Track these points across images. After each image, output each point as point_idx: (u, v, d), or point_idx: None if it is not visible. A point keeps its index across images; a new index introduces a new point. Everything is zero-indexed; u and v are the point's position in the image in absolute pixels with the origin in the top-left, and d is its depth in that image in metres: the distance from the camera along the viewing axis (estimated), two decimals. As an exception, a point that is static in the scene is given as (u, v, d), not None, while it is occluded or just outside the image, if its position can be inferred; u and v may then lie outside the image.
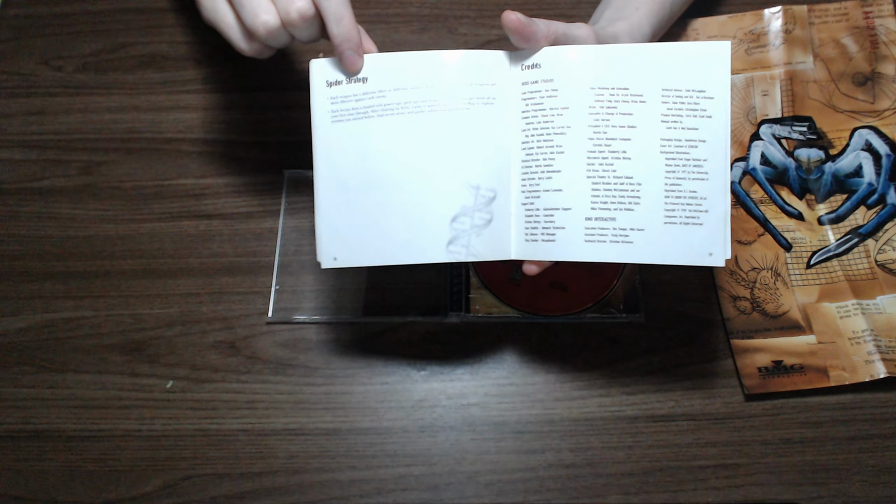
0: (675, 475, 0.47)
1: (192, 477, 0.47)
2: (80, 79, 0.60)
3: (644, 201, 0.39)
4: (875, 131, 0.56)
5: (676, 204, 0.39)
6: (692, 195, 0.39)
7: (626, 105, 0.39)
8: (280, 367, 0.50)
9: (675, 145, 0.39)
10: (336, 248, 0.42)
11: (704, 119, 0.39)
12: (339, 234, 0.42)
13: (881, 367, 0.48)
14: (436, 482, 0.47)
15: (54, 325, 0.51)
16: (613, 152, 0.39)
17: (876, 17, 0.58)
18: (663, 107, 0.39)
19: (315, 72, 0.42)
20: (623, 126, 0.39)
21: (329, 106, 0.41)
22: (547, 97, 0.40)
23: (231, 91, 0.60)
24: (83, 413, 0.49)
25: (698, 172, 0.39)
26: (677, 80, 0.39)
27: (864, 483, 0.46)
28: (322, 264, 0.42)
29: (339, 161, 0.42)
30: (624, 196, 0.39)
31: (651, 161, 0.39)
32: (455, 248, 0.41)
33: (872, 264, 0.52)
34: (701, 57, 0.39)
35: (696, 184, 0.39)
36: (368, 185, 0.41)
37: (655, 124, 0.39)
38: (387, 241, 0.41)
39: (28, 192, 0.56)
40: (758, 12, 0.59)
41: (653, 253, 0.39)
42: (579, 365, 0.50)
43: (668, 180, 0.39)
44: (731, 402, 0.49)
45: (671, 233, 0.39)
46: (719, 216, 0.39)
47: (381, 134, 0.41)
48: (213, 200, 0.56)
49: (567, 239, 0.40)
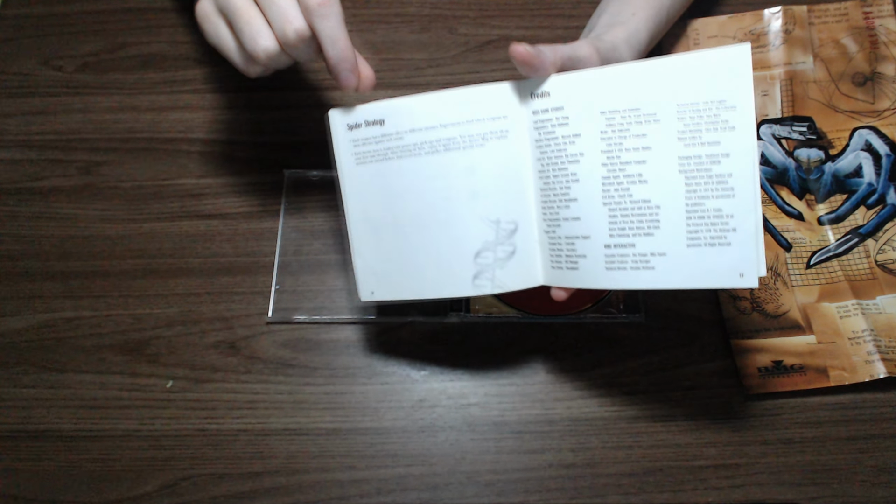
0: (675, 475, 0.47)
1: (191, 477, 0.47)
2: (79, 79, 0.60)
3: (664, 225, 0.37)
4: (875, 131, 0.56)
5: (700, 225, 0.36)
6: (717, 214, 0.36)
7: (638, 126, 0.37)
8: (280, 367, 0.50)
9: (694, 163, 0.36)
10: (372, 283, 0.44)
11: (727, 131, 0.36)
12: (373, 270, 0.43)
13: (881, 367, 0.48)
14: (436, 482, 0.47)
15: (54, 324, 0.51)
16: (628, 176, 0.38)
17: (876, 18, 0.58)
18: (679, 123, 0.36)
19: (334, 119, 0.43)
20: (637, 148, 0.37)
21: (352, 148, 0.42)
22: (558, 125, 0.39)
23: (231, 91, 0.60)
24: (83, 413, 0.49)
25: (722, 189, 0.36)
26: (693, 94, 0.36)
27: (865, 483, 0.46)
28: (361, 298, 0.44)
29: (367, 201, 0.43)
30: (642, 221, 0.38)
31: (669, 182, 0.37)
32: (481, 281, 0.41)
33: (872, 264, 0.52)
34: (718, 65, 0.35)
35: (720, 202, 0.36)
36: (396, 224, 0.42)
37: (672, 143, 0.37)
38: (418, 277, 0.42)
39: (28, 192, 0.56)
40: (758, 12, 0.59)
41: (677, 278, 0.37)
42: (579, 365, 0.50)
43: (689, 201, 0.37)
44: (731, 402, 0.49)
45: (696, 255, 0.37)
46: (749, 234, 0.35)
47: (402, 175, 0.41)
48: (212, 200, 0.56)
49: (588, 267, 0.39)
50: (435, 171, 0.41)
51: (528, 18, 0.63)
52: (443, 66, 0.60)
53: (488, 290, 0.41)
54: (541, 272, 0.41)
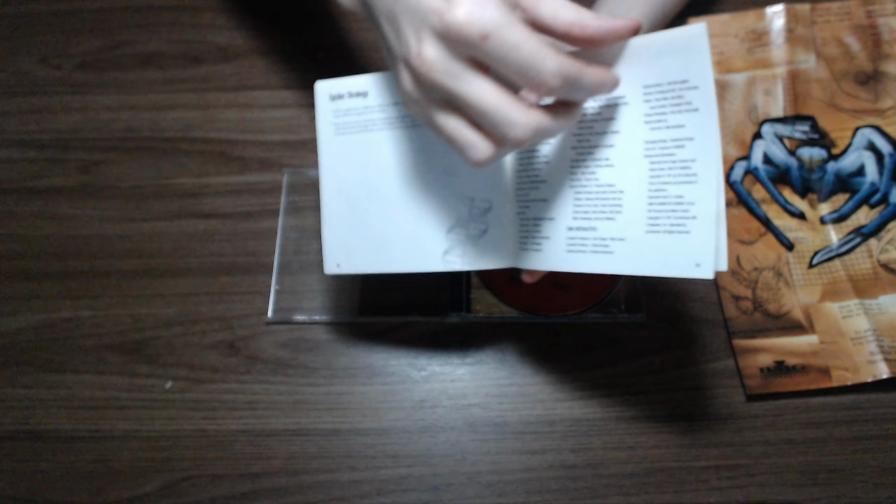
0: (677, 476, 0.46)
1: (191, 477, 0.47)
2: (78, 77, 0.60)
3: (626, 210, 0.37)
4: (878, 130, 0.55)
5: (661, 211, 0.36)
6: (678, 200, 0.35)
7: (608, 110, 0.37)
8: (280, 368, 0.50)
9: (660, 147, 0.36)
10: (340, 256, 0.44)
11: (690, 113, 0.34)
12: (342, 242, 0.44)
13: (884, 368, 0.48)
14: (436, 483, 0.46)
15: (53, 324, 0.51)
16: (596, 160, 0.37)
17: (879, 16, 0.58)
18: (646, 106, 0.35)
19: (319, 89, 0.43)
20: (606, 132, 0.37)
21: (332, 119, 0.43)
22: None
23: (230, 90, 0.59)
24: (82, 413, 0.49)
25: (686, 175, 0.35)
26: (657, 75, 0.35)
27: (867, 484, 0.46)
28: (326, 270, 0.45)
29: (342, 172, 0.43)
30: (605, 205, 0.37)
31: (634, 167, 0.36)
32: (451, 257, 0.42)
33: (875, 264, 0.52)
34: (676, 43, 0.34)
35: (682, 188, 0.35)
36: (370, 196, 0.43)
37: (639, 126, 0.36)
38: (387, 250, 0.43)
39: (26, 192, 0.56)
40: (760, 11, 0.59)
41: (634, 264, 0.36)
42: (581, 365, 0.50)
43: (651, 186, 0.36)
44: (732, 402, 0.49)
45: (655, 242, 0.36)
46: (708, 222, 0.34)
47: (381, 147, 0.42)
48: (212, 200, 0.55)
49: (551, 248, 0.39)
50: (414, 145, 0.41)
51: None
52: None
53: (457, 267, 0.42)
54: (512, 254, 0.42)
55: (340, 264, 0.44)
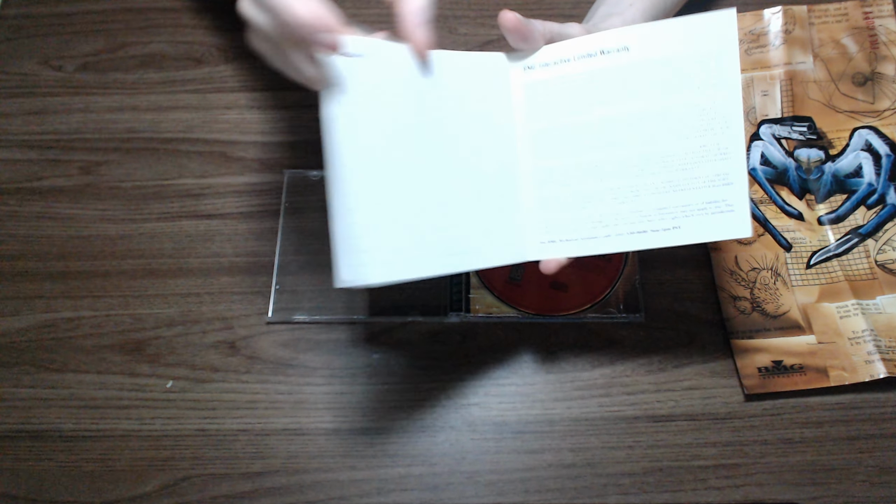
0: (675, 475, 0.47)
1: (191, 477, 0.47)
2: (79, 78, 0.60)
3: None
4: (875, 131, 0.56)
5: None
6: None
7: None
8: (280, 367, 0.50)
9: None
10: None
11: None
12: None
13: (881, 367, 0.48)
14: (436, 482, 0.47)
15: (54, 325, 0.51)
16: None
17: (876, 18, 0.58)
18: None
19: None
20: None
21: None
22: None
23: (231, 91, 0.60)
24: (83, 413, 0.49)
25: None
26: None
27: (865, 483, 0.46)
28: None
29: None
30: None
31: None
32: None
33: (872, 264, 0.52)
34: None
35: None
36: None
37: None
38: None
39: (28, 192, 0.56)
40: (757, 12, 0.59)
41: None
42: (579, 365, 0.50)
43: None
44: (730, 402, 0.49)
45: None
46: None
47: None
48: (212, 200, 0.56)
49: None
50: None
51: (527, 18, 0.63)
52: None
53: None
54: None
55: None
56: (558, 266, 0.41)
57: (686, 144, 0.38)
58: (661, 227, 0.39)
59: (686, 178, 0.38)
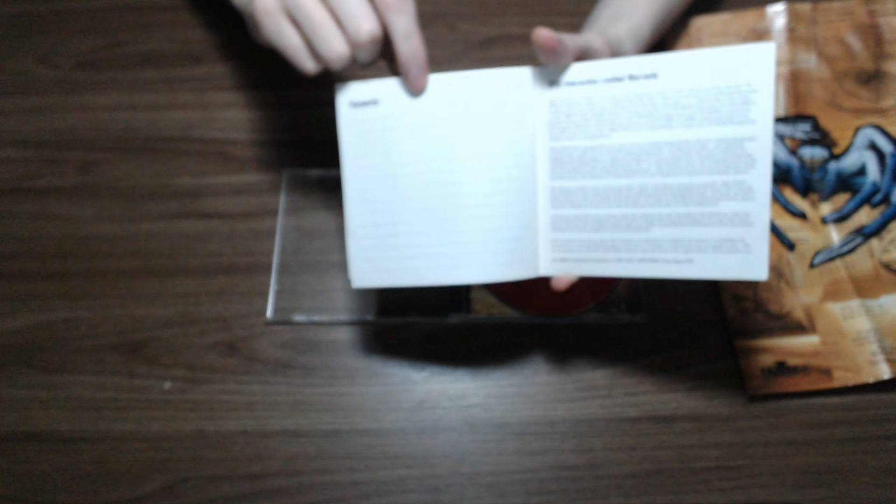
0: (678, 477, 0.46)
1: (190, 478, 0.47)
2: (76, 77, 0.60)
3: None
4: (879, 130, 0.55)
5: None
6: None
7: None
8: (279, 368, 0.50)
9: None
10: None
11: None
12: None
13: (885, 368, 0.47)
14: (436, 484, 0.46)
15: (51, 325, 0.51)
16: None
17: (880, 16, 0.58)
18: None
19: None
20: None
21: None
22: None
23: (229, 89, 0.59)
24: (80, 414, 0.48)
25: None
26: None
27: (868, 484, 0.46)
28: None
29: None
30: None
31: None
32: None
33: (876, 264, 0.52)
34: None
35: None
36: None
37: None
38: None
39: (24, 192, 0.56)
40: (761, 10, 0.59)
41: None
42: (581, 366, 0.50)
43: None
44: (733, 403, 0.48)
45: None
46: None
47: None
48: (211, 200, 0.55)
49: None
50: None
51: (529, 16, 0.62)
52: (444, 64, 0.60)
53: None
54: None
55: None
56: (569, 283, 0.41)
57: (708, 180, 0.37)
58: (673, 258, 0.39)
59: (704, 213, 0.38)
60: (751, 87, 0.36)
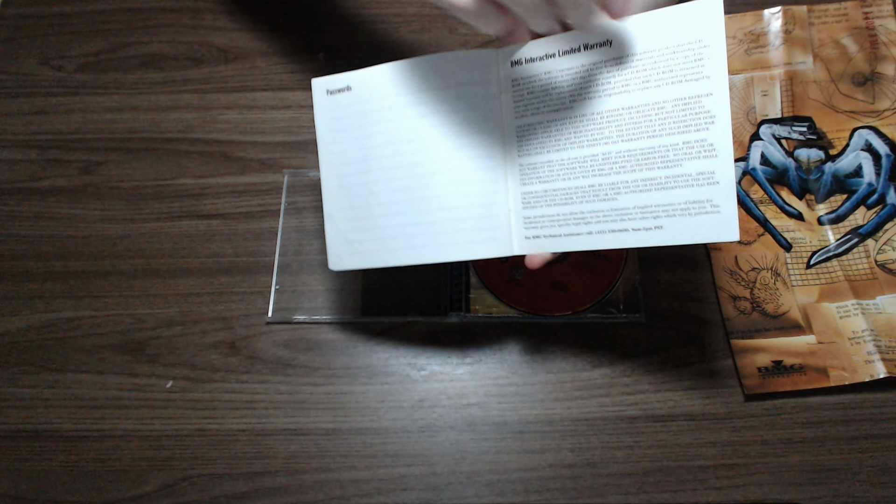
0: (675, 475, 0.47)
1: (191, 477, 0.47)
2: (79, 78, 0.60)
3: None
4: (875, 131, 0.56)
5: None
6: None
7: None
8: (280, 367, 0.50)
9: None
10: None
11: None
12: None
13: (881, 367, 0.48)
14: (436, 482, 0.47)
15: (54, 324, 0.51)
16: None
17: (876, 18, 0.58)
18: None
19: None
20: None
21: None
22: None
23: (231, 91, 0.60)
24: (83, 413, 0.49)
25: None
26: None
27: (865, 483, 0.46)
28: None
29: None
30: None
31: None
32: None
33: (872, 264, 0.52)
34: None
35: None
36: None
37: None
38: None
39: (28, 192, 0.56)
40: (757, 13, 0.59)
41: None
42: (579, 365, 0.50)
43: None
44: (730, 402, 0.49)
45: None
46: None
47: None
48: (212, 200, 0.56)
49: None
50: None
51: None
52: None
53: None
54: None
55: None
56: (543, 261, 0.41)
57: (669, 141, 0.37)
58: (642, 226, 0.38)
59: (669, 176, 0.37)
60: (702, 42, 0.36)
